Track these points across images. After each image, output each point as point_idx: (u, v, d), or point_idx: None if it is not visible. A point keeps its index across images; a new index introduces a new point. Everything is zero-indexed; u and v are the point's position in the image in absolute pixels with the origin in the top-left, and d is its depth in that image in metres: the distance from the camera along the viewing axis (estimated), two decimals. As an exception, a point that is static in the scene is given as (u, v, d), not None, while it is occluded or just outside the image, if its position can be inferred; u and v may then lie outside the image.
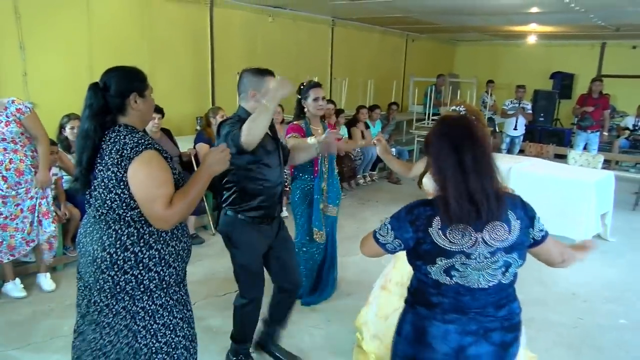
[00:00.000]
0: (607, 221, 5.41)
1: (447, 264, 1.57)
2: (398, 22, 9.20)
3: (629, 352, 3.30)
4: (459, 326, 1.61)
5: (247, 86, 2.59)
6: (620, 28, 8.45)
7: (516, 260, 1.61)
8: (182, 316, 2.02)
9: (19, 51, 4.76)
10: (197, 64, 6.71)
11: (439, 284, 1.60)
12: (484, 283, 1.58)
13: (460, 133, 1.57)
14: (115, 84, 1.86)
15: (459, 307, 1.61)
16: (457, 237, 1.55)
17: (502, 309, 1.64)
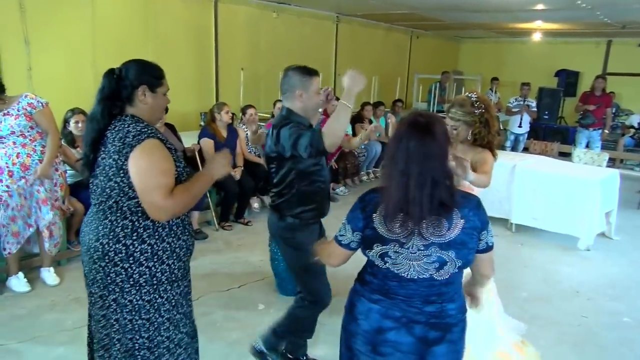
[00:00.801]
0: (612, 219, 5.39)
1: (382, 250, 1.61)
2: (402, 18, 9.17)
3: (632, 350, 3.29)
4: (382, 307, 1.66)
5: (295, 85, 2.47)
6: (626, 25, 8.40)
7: (453, 259, 1.58)
8: (169, 317, 1.96)
9: (23, 46, 4.77)
10: (201, 59, 6.71)
11: (373, 264, 1.66)
12: (414, 274, 1.60)
13: (415, 137, 1.54)
14: (130, 73, 1.89)
15: (384, 290, 1.66)
16: (395, 226, 1.57)
17: (431, 305, 1.64)
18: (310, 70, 2.51)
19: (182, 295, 2.00)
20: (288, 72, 2.51)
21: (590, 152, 6.82)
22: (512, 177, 5.42)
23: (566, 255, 4.87)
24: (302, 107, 2.48)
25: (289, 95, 2.49)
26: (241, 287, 3.87)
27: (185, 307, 2.04)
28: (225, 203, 5.31)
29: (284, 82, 2.51)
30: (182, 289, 2.00)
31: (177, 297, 1.97)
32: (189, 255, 2.02)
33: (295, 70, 2.50)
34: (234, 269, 4.23)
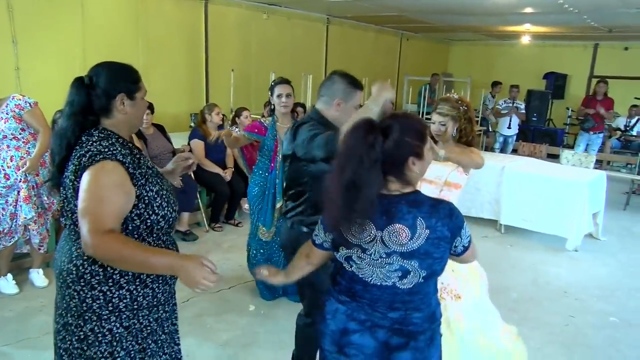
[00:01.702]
0: (599, 220, 5.46)
1: (346, 253, 1.62)
2: (392, 20, 9.21)
3: (619, 350, 3.33)
4: (347, 309, 1.66)
5: (337, 94, 2.35)
6: (612, 29, 8.51)
7: (416, 269, 1.54)
8: (144, 346, 1.73)
9: (11, 46, 4.73)
10: (191, 60, 6.69)
11: (341, 266, 1.66)
12: (377, 280, 1.58)
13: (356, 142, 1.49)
14: (102, 81, 1.64)
15: (351, 292, 1.65)
16: (357, 231, 1.55)
17: (395, 311, 1.61)
18: (357, 82, 2.40)
19: (158, 323, 1.76)
20: (333, 77, 2.38)
21: (578, 154, 6.90)
22: (501, 179, 5.46)
23: (555, 256, 4.92)
24: (336, 117, 2.35)
25: (327, 100, 2.37)
26: (231, 288, 3.86)
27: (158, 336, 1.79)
28: (216, 204, 5.30)
29: (326, 85, 2.38)
30: (160, 314, 1.76)
31: (153, 325, 1.74)
32: (176, 278, 1.76)
33: (343, 77, 2.37)
34: (224, 270, 4.22)
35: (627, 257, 5.04)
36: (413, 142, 1.53)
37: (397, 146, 1.50)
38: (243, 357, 3.05)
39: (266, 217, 3.56)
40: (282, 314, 3.55)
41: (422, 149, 1.56)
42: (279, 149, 3.46)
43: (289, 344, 3.18)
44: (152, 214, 1.66)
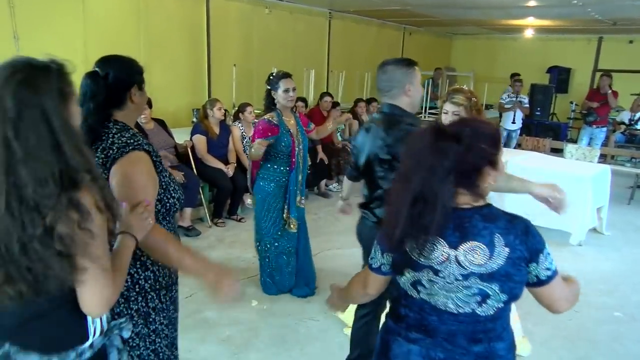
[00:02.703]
0: (603, 215, 5.43)
1: (413, 277, 1.40)
2: (395, 15, 9.16)
3: (623, 345, 3.32)
4: (422, 349, 1.42)
5: (401, 80, 2.28)
6: (617, 22, 8.44)
7: (497, 293, 1.35)
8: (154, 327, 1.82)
9: (13, 41, 4.72)
10: (193, 55, 6.67)
11: (407, 295, 1.45)
12: (453, 307, 1.38)
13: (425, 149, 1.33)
14: (119, 73, 1.68)
15: (424, 326, 1.42)
16: (428, 250, 1.36)
17: (478, 344, 1.40)
18: (410, 61, 2.35)
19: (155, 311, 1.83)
20: (387, 68, 2.31)
21: (582, 148, 6.86)
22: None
23: (558, 251, 4.89)
24: (409, 102, 2.30)
25: (395, 92, 2.29)
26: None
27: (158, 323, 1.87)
28: (218, 200, 5.29)
29: (385, 79, 2.30)
30: (174, 294, 1.89)
31: (168, 303, 1.85)
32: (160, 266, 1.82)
33: (396, 64, 2.31)
34: (227, 265, 4.21)
35: (632, 252, 5.01)
36: (489, 150, 1.35)
37: (472, 154, 1.31)
38: (245, 352, 3.05)
39: (294, 211, 3.55)
40: (285, 310, 3.54)
41: (497, 157, 1.38)
42: (296, 143, 3.46)
43: (291, 339, 3.19)
44: (170, 198, 1.74)
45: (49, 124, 1.13)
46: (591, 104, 7.97)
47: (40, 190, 1.11)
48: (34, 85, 1.13)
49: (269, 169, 3.52)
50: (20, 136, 1.10)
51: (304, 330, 3.31)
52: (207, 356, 2.98)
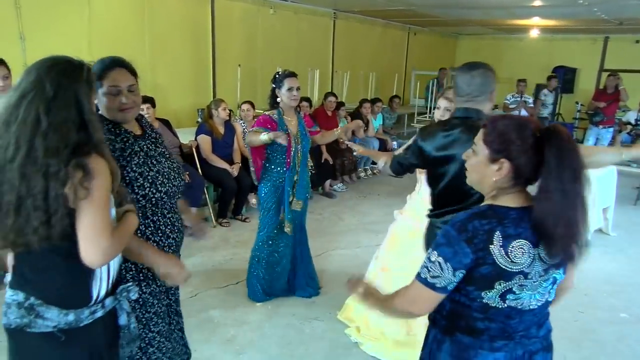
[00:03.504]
0: (609, 215, 5.41)
1: (505, 287, 1.35)
2: (399, 15, 9.15)
3: (629, 346, 3.30)
4: (507, 353, 1.41)
5: (492, 86, 2.22)
6: (623, 22, 8.40)
7: (561, 275, 1.43)
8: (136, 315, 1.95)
9: (19, 42, 4.74)
10: (197, 56, 6.68)
11: (487, 307, 1.38)
12: (535, 303, 1.40)
13: (577, 154, 1.33)
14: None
15: (506, 332, 1.40)
16: (518, 254, 1.32)
17: (542, 328, 1.47)
18: (490, 65, 2.28)
19: (153, 295, 1.99)
20: (478, 72, 2.20)
21: (588, 148, 6.83)
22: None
23: (563, 251, 4.88)
24: (490, 107, 2.25)
25: (483, 98, 2.21)
26: (239, 283, 3.86)
27: (157, 307, 2.02)
28: (223, 200, 5.30)
29: (477, 83, 2.19)
30: (153, 289, 1.98)
31: (146, 296, 1.95)
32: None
33: (485, 68, 2.23)
34: (232, 266, 4.23)
35: (637, 253, 4.99)
36: None
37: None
38: (249, 352, 3.05)
39: (288, 212, 3.50)
40: (289, 310, 3.54)
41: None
42: (292, 143, 3.41)
43: (295, 339, 3.19)
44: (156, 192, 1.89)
45: (80, 107, 1.39)
46: (598, 104, 7.94)
47: (49, 157, 1.33)
48: (71, 76, 1.40)
49: (267, 168, 3.50)
50: (50, 112, 1.35)
51: (309, 331, 3.31)
52: (212, 356, 2.99)
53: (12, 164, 1.33)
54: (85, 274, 1.48)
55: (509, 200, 1.38)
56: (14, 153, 1.33)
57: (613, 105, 7.98)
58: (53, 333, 1.46)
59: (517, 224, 1.34)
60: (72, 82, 1.39)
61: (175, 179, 1.99)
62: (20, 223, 1.35)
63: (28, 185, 1.33)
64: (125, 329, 1.66)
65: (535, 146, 1.31)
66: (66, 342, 1.47)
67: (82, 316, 1.49)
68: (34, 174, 1.32)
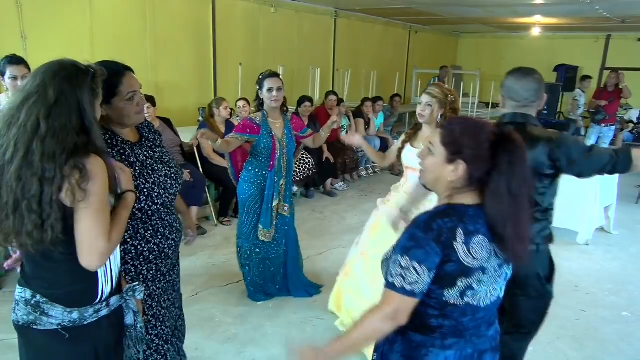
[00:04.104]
0: (611, 214, 5.39)
1: (465, 284, 1.36)
2: (401, 13, 9.13)
3: (631, 345, 3.29)
4: (457, 352, 1.41)
5: (542, 92, 2.22)
6: (625, 20, 8.38)
7: (510, 270, 1.46)
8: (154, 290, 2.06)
9: (20, 41, 4.74)
10: (199, 55, 6.68)
11: (445, 305, 1.38)
12: (488, 300, 1.41)
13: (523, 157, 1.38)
14: None
15: (458, 330, 1.41)
16: (478, 250, 1.35)
17: (491, 327, 1.49)
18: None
19: (151, 298, 2.01)
20: (536, 78, 2.21)
21: (590, 146, 6.82)
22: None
23: (565, 250, 4.87)
24: (537, 112, 2.25)
25: (535, 104, 2.21)
26: (240, 282, 3.86)
27: (156, 309, 2.03)
28: (224, 198, 5.30)
29: (533, 88, 2.19)
30: (153, 291, 2.01)
31: (145, 298, 1.97)
32: (162, 257, 2.01)
33: (539, 74, 2.24)
34: (233, 264, 4.22)
35: (639, 251, 4.98)
36: None
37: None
38: (250, 351, 3.05)
39: (266, 217, 3.41)
40: (290, 309, 3.54)
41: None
42: (277, 147, 3.32)
43: (296, 338, 3.19)
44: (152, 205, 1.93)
45: (82, 113, 1.40)
46: (599, 103, 7.92)
47: (45, 161, 1.33)
48: (75, 82, 1.41)
49: (250, 171, 3.40)
50: (49, 118, 1.35)
51: (310, 329, 3.31)
52: (213, 354, 2.99)
53: (10, 166, 1.34)
54: (88, 273, 1.49)
55: (465, 199, 1.41)
56: (12, 155, 1.34)
57: (614, 103, 7.96)
58: (57, 331, 1.47)
59: (475, 221, 1.37)
60: (76, 88, 1.40)
61: (172, 187, 1.99)
62: (17, 225, 1.36)
63: (23, 188, 1.34)
64: (131, 328, 1.66)
65: (490, 150, 1.35)
66: (71, 340, 1.49)
67: (86, 314, 1.50)
68: (29, 177, 1.34)
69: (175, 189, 2.00)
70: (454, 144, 1.39)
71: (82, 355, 1.53)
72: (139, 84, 1.87)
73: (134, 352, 1.72)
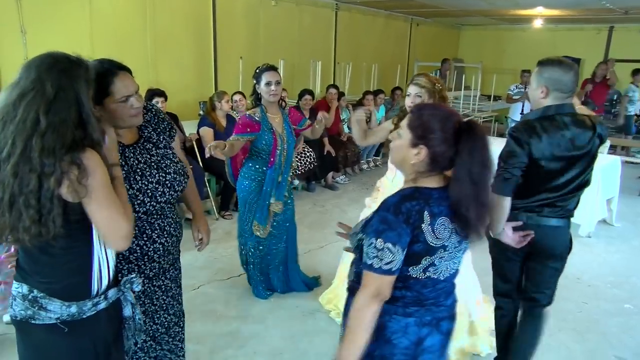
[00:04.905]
0: (613, 206, 5.38)
1: (429, 262, 1.47)
2: (402, 5, 9.09)
3: (633, 337, 3.29)
4: (417, 318, 1.53)
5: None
6: (629, 11, 8.32)
7: (468, 245, 1.57)
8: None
9: (20, 36, 4.73)
10: (199, 49, 6.65)
11: (408, 278, 1.49)
12: (447, 273, 1.53)
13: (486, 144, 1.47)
14: None
15: (419, 300, 1.52)
16: (441, 230, 1.45)
17: (450, 297, 1.60)
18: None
19: (145, 294, 1.98)
20: (574, 70, 2.29)
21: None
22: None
23: (567, 243, 4.86)
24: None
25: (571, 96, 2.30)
26: (241, 275, 3.86)
27: (147, 305, 1.99)
28: (225, 192, 5.30)
29: (575, 79, 2.28)
30: (147, 287, 1.97)
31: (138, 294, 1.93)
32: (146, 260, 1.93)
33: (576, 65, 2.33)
34: (234, 258, 4.22)
35: (642, 243, 4.97)
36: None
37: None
38: (252, 344, 3.05)
39: (262, 213, 3.37)
40: (292, 302, 3.55)
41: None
42: (278, 142, 3.28)
43: (298, 332, 3.19)
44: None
45: (79, 106, 1.38)
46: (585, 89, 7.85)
47: (44, 157, 1.31)
48: (72, 75, 1.39)
49: (250, 167, 3.36)
50: (49, 113, 1.33)
51: (312, 323, 3.31)
52: (215, 348, 2.99)
53: (6, 164, 1.33)
54: (85, 267, 1.49)
55: (430, 182, 1.50)
56: (9, 152, 1.32)
57: (601, 91, 7.85)
58: (56, 325, 1.47)
59: (439, 203, 1.47)
60: (73, 82, 1.38)
61: (164, 194, 1.88)
62: (13, 221, 1.35)
63: (20, 184, 1.32)
64: (129, 320, 1.66)
65: (453, 138, 1.44)
66: (70, 334, 1.49)
67: (85, 308, 1.50)
68: (27, 173, 1.32)
69: (168, 197, 1.90)
70: (420, 128, 1.48)
71: (81, 348, 1.53)
72: (135, 84, 1.75)
73: (133, 343, 1.72)
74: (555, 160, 2.22)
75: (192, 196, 2.23)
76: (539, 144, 2.17)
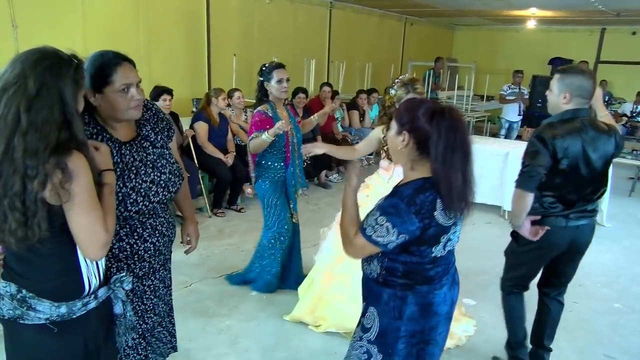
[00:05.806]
0: (603, 207, 5.41)
1: (446, 238, 1.67)
2: (396, 5, 9.10)
3: (623, 336, 3.31)
4: (447, 284, 1.78)
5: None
6: (620, 13, 8.38)
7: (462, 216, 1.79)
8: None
9: (11, 29, 4.68)
10: (193, 45, 6.63)
11: (435, 258, 1.70)
12: (457, 241, 1.76)
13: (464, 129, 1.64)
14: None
15: (446, 270, 1.77)
16: (452, 212, 1.63)
17: (453, 265, 1.85)
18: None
19: (134, 294, 1.91)
20: (592, 76, 2.41)
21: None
22: (505, 165, 5.43)
23: (558, 242, 4.89)
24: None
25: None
26: (234, 273, 3.85)
27: (135, 304, 1.93)
28: (218, 190, 5.28)
29: (593, 86, 2.40)
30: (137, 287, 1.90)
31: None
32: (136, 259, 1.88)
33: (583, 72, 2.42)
34: (227, 256, 4.22)
35: (632, 244, 5.01)
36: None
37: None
38: (244, 341, 3.05)
39: (295, 205, 3.56)
40: (284, 300, 3.54)
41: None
42: (290, 138, 3.36)
43: (291, 329, 3.19)
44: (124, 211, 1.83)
45: (63, 105, 1.33)
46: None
47: (27, 158, 1.28)
48: (57, 72, 1.33)
49: (263, 165, 3.39)
50: (30, 111, 1.29)
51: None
52: (207, 345, 2.98)
53: None
54: (74, 268, 1.47)
55: (428, 170, 1.64)
56: None
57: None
58: (46, 325, 1.44)
59: None
60: (58, 80, 1.32)
61: (158, 194, 1.84)
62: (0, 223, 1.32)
63: (5, 185, 1.29)
64: (120, 317, 1.64)
65: (428, 122, 1.59)
66: (60, 334, 1.46)
67: (75, 308, 1.47)
68: (11, 175, 1.28)
69: (162, 196, 1.86)
70: (401, 116, 1.68)
71: (71, 348, 1.50)
72: (137, 76, 1.72)
73: (124, 340, 1.69)
74: (576, 159, 2.37)
75: (184, 198, 2.19)
76: (563, 143, 2.33)
